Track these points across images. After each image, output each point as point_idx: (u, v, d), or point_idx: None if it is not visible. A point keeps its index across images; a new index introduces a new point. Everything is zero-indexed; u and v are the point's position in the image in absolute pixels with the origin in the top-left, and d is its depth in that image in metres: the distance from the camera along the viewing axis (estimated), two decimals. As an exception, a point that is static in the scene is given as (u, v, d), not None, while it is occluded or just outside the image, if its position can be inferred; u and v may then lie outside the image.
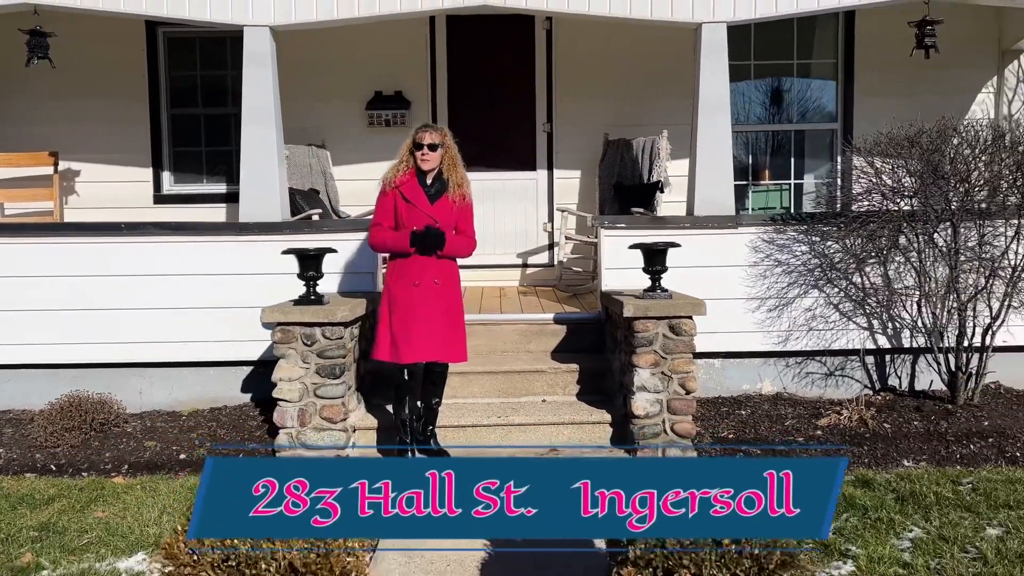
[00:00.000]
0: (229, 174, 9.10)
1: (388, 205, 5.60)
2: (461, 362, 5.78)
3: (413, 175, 5.58)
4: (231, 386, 7.13)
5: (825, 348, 7.14)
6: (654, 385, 5.90)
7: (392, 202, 5.58)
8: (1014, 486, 5.22)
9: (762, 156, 9.53)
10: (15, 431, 6.45)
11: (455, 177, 5.64)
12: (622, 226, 7.02)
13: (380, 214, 5.64)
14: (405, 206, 5.54)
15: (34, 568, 4.33)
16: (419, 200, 5.53)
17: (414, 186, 5.56)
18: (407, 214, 5.53)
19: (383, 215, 5.62)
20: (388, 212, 5.60)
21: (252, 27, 6.93)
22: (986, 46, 8.97)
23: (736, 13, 7.01)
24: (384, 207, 5.62)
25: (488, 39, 8.85)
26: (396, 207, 5.57)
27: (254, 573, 2.98)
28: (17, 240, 7.06)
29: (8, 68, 8.60)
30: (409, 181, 5.57)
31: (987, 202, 6.58)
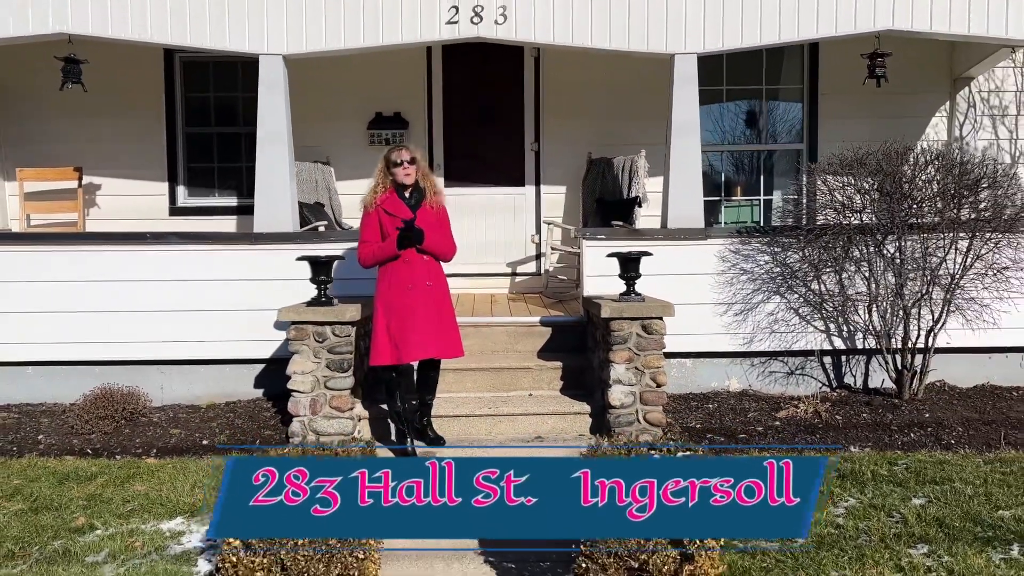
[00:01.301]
0: (239, 188, 9.80)
1: (373, 223, 6.20)
2: (459, 357, 6.43)
3: (392, 192, 6.22)
4: (245, 382, 7.80)
5: (786, 349, 7.85)
6: (628, 379, 6.61)
7: (376, 220, 6.18)
8: (942, 466, 5.92)
9: (734, 173, 10.28)
10: (51, 421, 7.12)
11: (430, 185, 6.30)
12: (602, 237, 7.74)
13: (367, 232, 6.22)
14: (389, 219, 6.15)
15: (88, 528, 5.01)
16: (401, 211, 6.16)
17: (395, 200, 6.19)
18: (392, 224, 6.13)
19: (369, 233, 6.21)
20: (374, 229, 6.20)
21: (267, 56, 7.65)
22: (939, 73, 9.73)
23: (706, 46, 7.76)
24: (370, 225, 6.21)
25: (481, 66, 9.57)
26: (380, 222, 6.18)
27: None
28: (50, 248, 7.74)
29: (37, 91, 9.30)
30: (390, 197, 6.20)
31: (928, 217, 7.31)
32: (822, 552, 4.67)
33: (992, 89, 9.76)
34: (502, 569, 4.66)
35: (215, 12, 7.57)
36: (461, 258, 8.97)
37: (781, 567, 4.53)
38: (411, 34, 7.68)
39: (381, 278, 6.21)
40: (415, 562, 4.72)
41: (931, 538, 4.82)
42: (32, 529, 5.00)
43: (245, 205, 9.64)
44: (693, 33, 7.73)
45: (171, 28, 7.57)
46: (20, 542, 4.84)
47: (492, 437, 6.71)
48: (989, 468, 5.88)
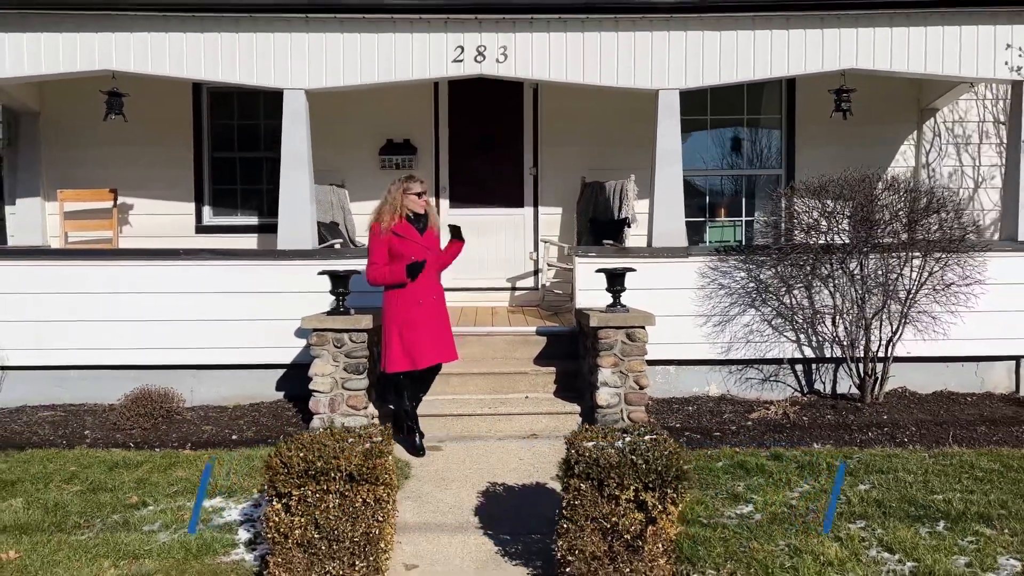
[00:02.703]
0: (260, 208, 10.62)
1: (383, 246, 6.96)
2: (455, 360, 7.21)
3: (404, 219, 7.02)
4: (267, 385, 8.58)
5: (761, 357, 8.62)
6: (614, 381, 7.39)
7: (387, 243, 6.95)
8: (890, 459, 6.66)
9: (718, 196, 11.08)
10: (94, 418, 7.90)
11: (431, 211, 7.21)
12: (593, 255, 8.53)
13: (376, 254, 6.97)
14: (399, 241, 6.93)
15: (141, 505, 5.79)
16: (411, 234, 6.97)
17: (405, 225, 6.98)
18: (402, 246, 6.91)
19: (379, 255, 6.96)
20: (383, 252, 6.95)
21: (291, 90, 8.47)
22: (908, 105, 10.54)
23: (687, 82, 8.58)
24: (379, 248, 6.96)
25: (483, 98, 10.37)
26: (391, 245, 6.95)
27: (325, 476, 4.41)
28: (92, 263, 8.53)
29: (77, 121, 10.12)
30: (401, 223, 7.01)
31: (887, 238, 8.09)
32: (774, 526, 5.44)
33: (956, 120, 10.56)
34: (499, 540, 5.42)
35: (244, 51, 8.39)
36: (465, 273, 9.93)
37: (738, 537, 5.29)
38: (421, 71, 8.50)
39: (392, 295, 6.97)
40: (424, 535, 5.49)
41: (869, 515, 5.58)
42: (92, 506, 5.78)
43: (265, 224, 10.50)
44: (675, 71, 8.54)
45: (205, 66, 8.40)
46: (83, 515, 5.63)
47: (492, 434, 7.47)
48: (932, 461, 6.63)
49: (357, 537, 4.52)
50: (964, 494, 5.91)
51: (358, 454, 4.51)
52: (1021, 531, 5.31)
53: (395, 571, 4.97)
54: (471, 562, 5.17)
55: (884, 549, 5.14)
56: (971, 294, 8.22)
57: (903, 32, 8.49)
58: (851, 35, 8.50)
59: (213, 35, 8.37)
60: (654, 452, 4.55)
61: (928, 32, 8.50)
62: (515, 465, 6.76)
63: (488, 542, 5.42)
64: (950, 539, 5.23)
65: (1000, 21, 8.47)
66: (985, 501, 5.77)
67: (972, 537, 5.26)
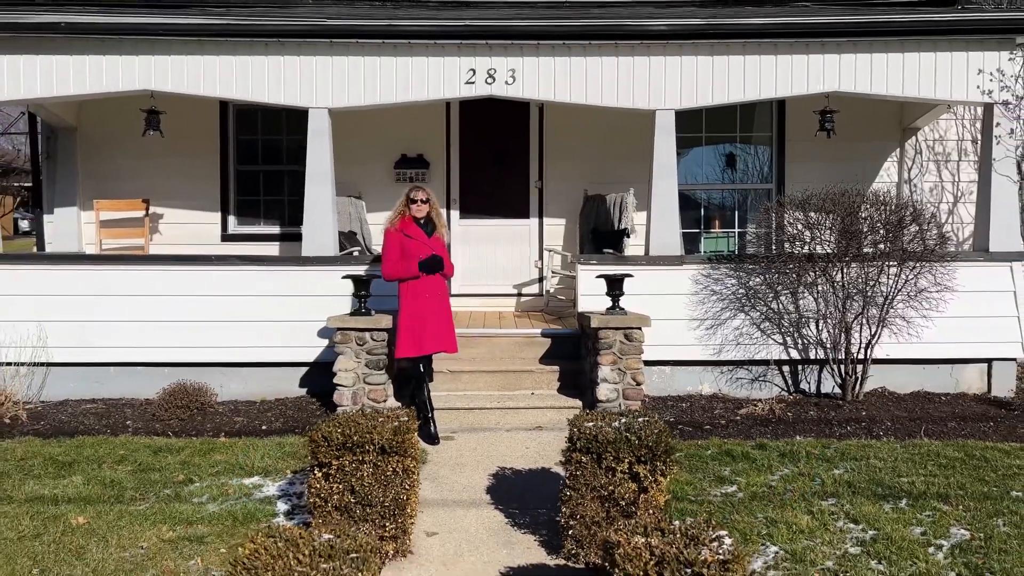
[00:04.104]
0: (282, 218, 11.30)
1: (395, 243, 7.76)
2: (455, 352, 7.92)
3: (410, 220, 7.77)
4: (291, 382, 9.24)
5: (750, 359, 9.27)
6: (613, 378, 8.05)
7: (398, 241, 7.74)
8: (864, 449, 7.32)
9: (713, 209, 11.75)
10: (133, 411, 8.56)
11: (439, 221, 7.95)
12: (594, 262, 9.21)
13: (389, 251, 7.78)
14: (409, 242, 7.71)
15: (188, 482, 6.46)
16: (419, 236, 7.75)
17: (413, 227, 7.76)
18: (411, 247, 7.70)
19: (391, 251, 7.76)
20: (395, 248, 7.75)
21: (315, 109, 9.16)
22: (891, 124, 11.21)
23: (682, 103, 9.27)
24: (392, 245, 7.77)
25: (492, 115, 11.05)
26: (402, 244, 7.72)
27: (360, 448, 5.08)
28: (130, 268, 9.20)
29: (111, 137, 10.85)
30: (409, 224, 7.76)
31: (866, 248, 8.75)
32: (754, 503, 6.10)
33: (936, 138, 11.24)
34: (509, 513, 6.08)
35: (273, 73, 9.09)
36: (473, 279, 10.62)
37: (721, 511, 5.95)
38: (436, 92, 9.20)
39: (405, 290, 7.72)
40: (442, 509, 6.14)
41: (840, 494, 6.24)
42: (144, 483, 6.45)
43: (287, 232, 11.19)
44: (671, 92, 9.22)
45: (236, 86, 9.10)
46: (137, 490, 6.29)
47: (501, 426, 8.11)
48: (902, 450, 7.28)
49: (388, 502, 5.18)
50: (928, 477, 6.56)
51: (389, 430, 5.18)
52: (974, 508, 5.96)
53: (418, 537, 5.62)
54: (484, 530, 5.81)
55: (850, 521, 5.79)
56: (943, 300, 8.88)
57: (882, 58, 9.17)
58: (834, 61, 9.18)
59: (244, 58, 9.07)
60: (646, 431, 5.21)
61: (906, 58, 9.18)
62: (522, 453, 7.40)
63: (499, 515, 6.07)
64: (910, 513, 5.88)
65: (972, 48, 9.15)
66: (946, 483, 6.42)
67: (930, 512, 5.91)
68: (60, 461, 6.89)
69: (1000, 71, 9.06)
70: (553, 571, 5.22)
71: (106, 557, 5.16)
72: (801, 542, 5.44)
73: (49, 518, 5.74)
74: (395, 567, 5.15)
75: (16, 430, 7.85)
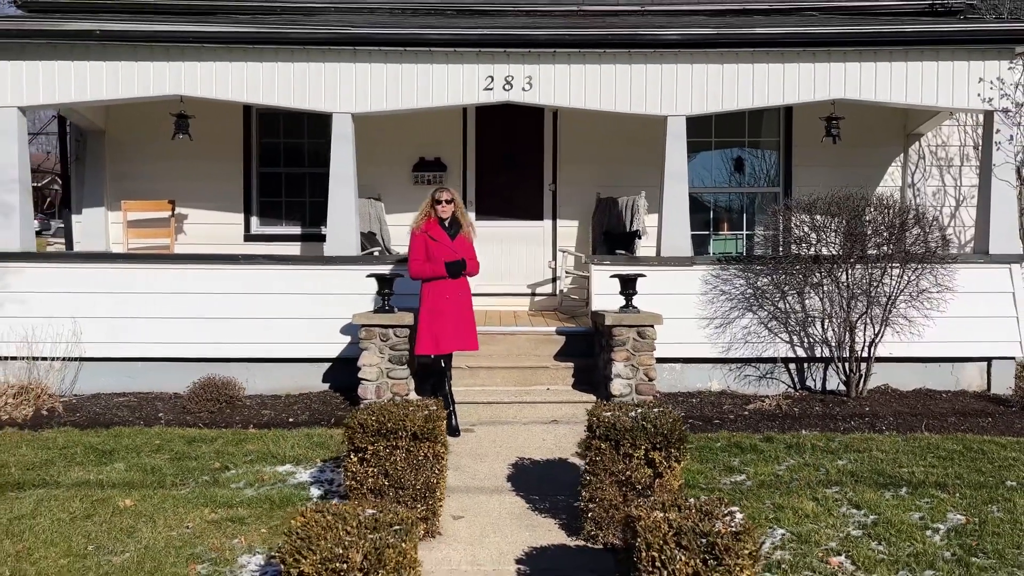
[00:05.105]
0: (303, 219, 11.66)
1: (420, 244, 8.06)
2: (475, 350, 8.23)
3: (435, 222, 8.08)
4: (314, 377, 9.57)
5: (757, 356, 9.59)
6: (626, 374, 8.38)
7: (423, 242, 8.04)
8: (867, 442, 7.64)
9: (721, 211, 12.09)
10: (164, 403, 8.92)
11: (464, 221, 8.23)
12: (608, 263, 9.54)
13: (415, 251, 8.07)
14: (433, 244, 8.01)
15: (223, 469, 6.80)
16: (442, 238, 8.04)
17: (438, 229, 8.07)
18: (435, 248, 8.00)
19: (417, 252, 8.06)
20: (421, 249, 8.05)
21: (339, 114, 9.51)
22: (895, 130, 11.53)
23: (692, 109, 9.60)
24: (417, 246, 8.07)
25: (507, 120, 11.39)
26: (426, 245, 8.03)
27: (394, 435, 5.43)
28: (160, 266, 9.57)
29: (138, 140, 11.23)
30: (434, 226, 8.07)
31: (870, 250, 9.07)
32: (762, 490, 6.43)
33: (939, 144, 11.56)
34: (529, 499, 6.41)
35: (299, 79, 9.44)
36: (488, 279, 10.97)
37: (731, 497, 6.26)
38: (455, 98, 9.56)
39: (428, 289, 8.02)
40: (466, 495, 6.48)
41: (843, 483, 6.57)
42: (183, 470, 6.80)
43: (308, 233, 11.56)
44: (682, 99, 9.56)
45: (263, 91, 9.46)
46: (177, 476, 6.65)
47: (518, 419, 8.44)
48: (904, 443, 7.60)
49: (419, 485, 5.52)
50: (927, 468, 6.89)
51: (421, 417, 5.52)
52: (970, 495, 6.29)
53: (445, 520, 5.95)
54: (507, 515, 6.15)
55: (853, 507, 6.12)
56: (944, 300, 9.19)
57: (886, 66, 9.50)
58: (840, 69, 9.52)
59: (271, 64, 9.42)
60: (661, 420, 5.55)
61: (909, 67, 9.51)
62: (539, 444, 7.73)
63: (520, 500, 6.41)
64: (909, 500, 6.21)
65: (973, 57, 9.47)
66: (944, 473, 6.75)
67: (928, 499, 6.24)
68: (100, 450, 7.24)
69: (1000, 79, 9.38)
70: (573, 551, 5.55)
71: (156, 536, 5.51)
72: (806, 525, 5.77)
73: (97, 501, 6.09)
74: (426, 546, 5.47)
75: (54, 421, 8.20)
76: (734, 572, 3.71)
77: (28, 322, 9.06)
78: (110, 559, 5.21)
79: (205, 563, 5.20)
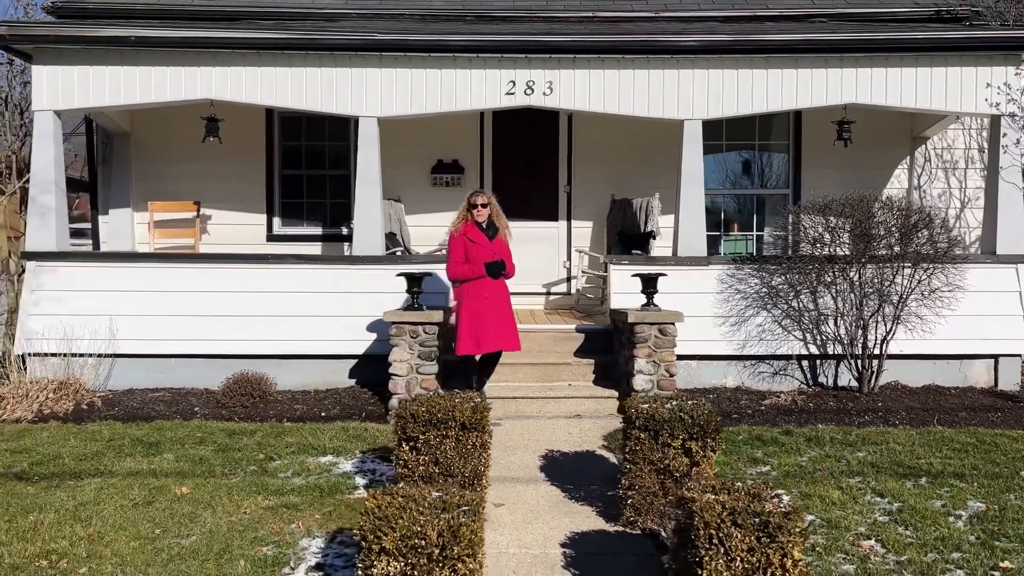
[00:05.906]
0: (324, 219, 11.91)
1: (459, 246, 8.32)
2: (517, 351, 8.49)
3: (473, 225, 8.33)
4: (341, 374, 9.83)
5: (772, 354, 9.87)
6: (648, 370, 8.66)
7: (462, 244, 8.30)
8: (883, 435, 7.93)
9: (732, 213, 12.38)
10: (198, 399, 9.16)
11: (501, 223, 8.47)
12: (626, 262, 9.82)
13: (455, 253, 8.32)
14: (472, 245, 8.28)
15: (268, 460, 7.06)
16: (481, 240, 8.30)
17: (476, 232, 8.32)
18: (474, 250, 8.26)
19: (456, 254, 8.31)
20: (460, 251, 8.31)
21: (364, 118, 9.77)
22: (902, 134, 11.85)
23: (709, 113, 9.90)
24: (456, 248, 8.32)
25: (524, 123, 11.65)
26: (465, 247, 8.30)
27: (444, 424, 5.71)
28: (190, 266, 9.83)
29: (164, 142, 11.51)
30: (472, 228, 8.33)
31: (882, 250, 9.37)
32: (788, 479, 6.71)
33: (945, 147, 11.88)
34: (564, 489, 6.69)
35: (326, 84, 9.70)
36: (506, 279, 11.13)
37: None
38: (477, 102, 9.83)
39: (468, 290, 8.26)
40: (503, 484, 6.74)
41: (865, 473, 6.85)
42: (229, 460, 7.05)
43: (329, 233, 11.82)
44: (699, 103, 9.85)
45: (291, 95, 9.72)
46: (225, 466, 6.90)
47: (542, 414, 8.72)
48: (918, 436, 7.89)
49: (467, 473, 5.79)
50: (944, 459, 7.18)
51: (468, 408, 5.79)
52: (988, 484, 6.58)
53: (488, 507, 6.22)
54: (545, 503, 6.41)
55: (876, 495, 6.40)
56: (954, 299, 9.50)
57: (896, 72, 9.81)
58: (851, 74, 9.82)
59: (299, 69, 9.68)
60: (696, 411, 5.82)
61: (918, 72, 9.82)
62: (565, 438, 8.00)
63: (555, 490, 6.68)
64: (930, 489, 6.50)
65: (981, 63, 9.79)
66: (960, 464, 7.05)
67: (948, 488, 6.53)
68: (145, 442, 7.49)
69: (1007, 85, 9.69)
70: (613, 536, 5.82)
71: (218, 520, 5.76)
72: (834, 512, 6.05)
73: (154, 489, 6.34)
74: (472, 532, 5.75)
75: (95, 415, 8.45)
76: (787, 548, 3.98)
77: (64, 320, 9.29)
78: (179, 542, 5.46)
79: (269, 545, 5.44)
